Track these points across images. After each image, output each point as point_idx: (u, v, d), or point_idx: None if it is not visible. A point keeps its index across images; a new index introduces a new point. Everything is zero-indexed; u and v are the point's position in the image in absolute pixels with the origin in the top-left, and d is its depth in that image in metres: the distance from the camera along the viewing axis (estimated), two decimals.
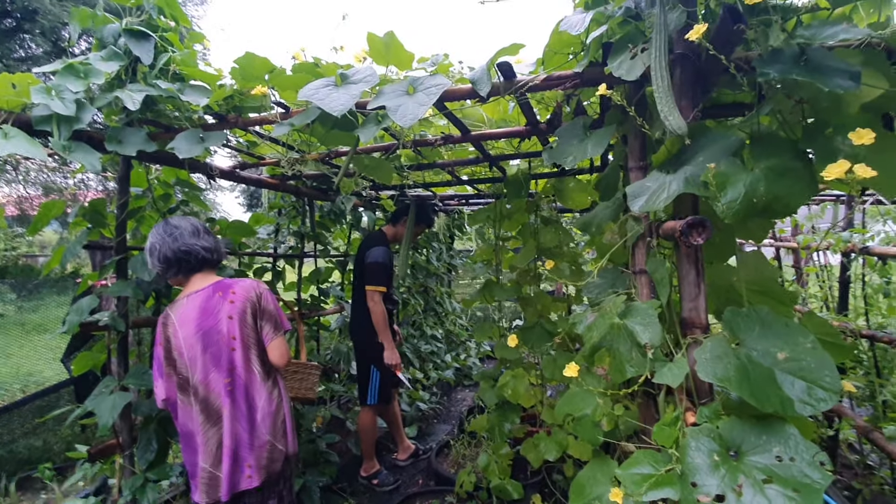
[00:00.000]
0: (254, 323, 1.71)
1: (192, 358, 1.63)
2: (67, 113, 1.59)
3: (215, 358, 1.64)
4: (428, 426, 3.83)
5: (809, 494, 0.81)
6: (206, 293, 1.68)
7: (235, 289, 1.71)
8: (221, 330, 1.65)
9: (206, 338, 1.64)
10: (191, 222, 1.76)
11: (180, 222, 1.74)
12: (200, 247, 1.71)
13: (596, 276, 1.65)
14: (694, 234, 0.92)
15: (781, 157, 1.02)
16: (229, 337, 1.65)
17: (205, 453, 1.61)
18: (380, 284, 2.71)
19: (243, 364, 1.67)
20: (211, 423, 1.64)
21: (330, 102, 1.44)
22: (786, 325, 1.00)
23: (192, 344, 1.63)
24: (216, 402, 1.64)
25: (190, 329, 1.63)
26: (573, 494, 1.33)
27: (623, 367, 1.17)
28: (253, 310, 1.71)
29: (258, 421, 1.67)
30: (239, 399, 1.65)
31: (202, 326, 1.64)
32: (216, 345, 1.64)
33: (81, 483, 2.93)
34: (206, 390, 1.63)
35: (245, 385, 1.67)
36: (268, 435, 1.68)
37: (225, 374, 1.64)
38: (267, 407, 1.69)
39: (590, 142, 1.37)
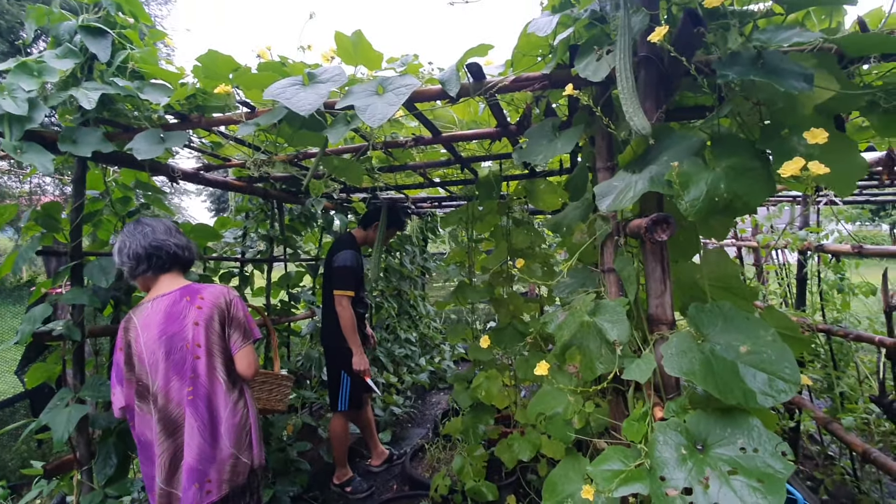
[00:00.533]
0: (221, 330, 1.64)
1: (153, 364, 1.55)
2: (19, 112, 1.52)
3: (177, 365, 1.56)
4: (402, 430, 3.79)
5: (773, 484, 0.84)
6: (172, 297, 1.61)
7: (204, 294, 1.64)
8: (186, 336, 1.57)
9: (169, 343, 1.56)
10: (163, 222, 1.72)
11: (152, 221, 1.70)
12: (173, 243, 1.66)
13: (566, 276, 1.67)
14: (658, 231, 0.94)
15: (741, 157, 1.05)
16: (194, 344, 1.57)
17: (159, 466, 1.54)
18: (347, 289, 2.67)
19: (207, 373, 1.59)
20: (167, 433, 1.55)
21: (297, 102, 1.41)
22: (747, 319, 1.03)
23: (153, 349, 1.55)
24: (175, 411, 1.56)
25: (152, 333, 1.56)
26: (546, 493, 1.33)
27: (593, 365, 1.18)
28: (221, 317, 1.64)
29: (221, 433, 1.60)
30: (201, 409, 1.57)
31: (166, 331, 1.57)
32: (179, 352, 1.57)
33: (38, 501, 2.78)
34: (166, 399, 1.56)
35: (208, 395, 1.59)
36: (231, 447, 1.60)
37: (187, 382, 1.56)
38: (231, 418, 1.61)
39: (559, 141, 1.38)
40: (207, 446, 1.56)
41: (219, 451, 1.58)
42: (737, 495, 0.85)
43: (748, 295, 1.26)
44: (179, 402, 1.56)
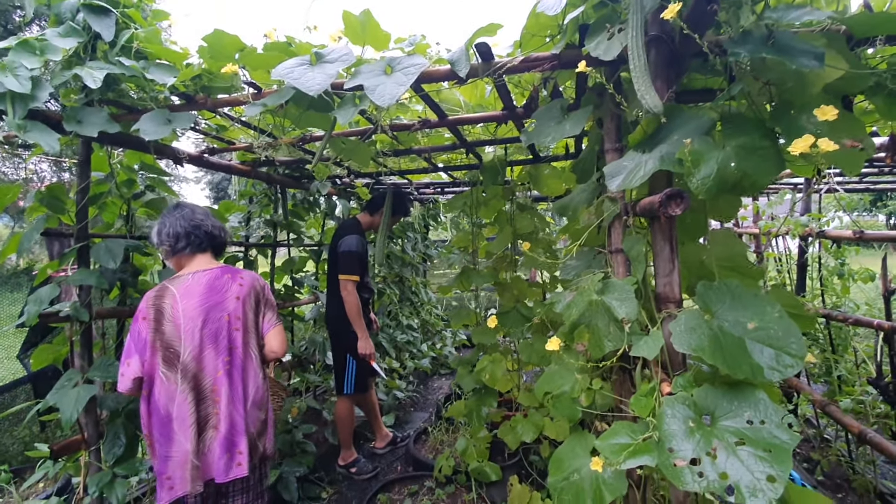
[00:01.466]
0: (256, 310, 1.72)
1: (189, 331, 1.58)
2: (22, 90, 1.51)
3: (214, 335, 1.60)
4: (405, 414, 3.83)
5: (780, 454, 0.86)
6: (214, 273, 1.69)
7: (243, 275, 1.74)
8: (227, 307, 1.64)
9: (209, 313, 1.61)
10: (200, 207, 1.83)
11: (191, 204, 1.81)
12: (210, 224, 1.76)
13: (573, 258, 1.68)
14: (672, 205, 0.95)
15: (751, 136, 1.06)
16: (234, 317, 1.65)
17: (187, 437, 1.52)
18: (353, 273, 2.67)
19: (243, 346, 1.65)
20: (196, 403, 1.56)
21: (305, 82, 1.40)
22: (754, 296, 1.04)
23: (192, 316, 1.59)
24: (206, 381, 1.58)
25: (193, 302, 1.61)
26: (552, 468, 1.36)
27: (602, 342, 1.20)
28: (257, 297, 1.74)
29: (249, 408, 1.63)
30: (236, 380, 1.62)
31: (207, 301, 1.62)
32: (218, 322, 1.62)
33: (41, 484, 2.81)
34: (198, 367, 1.57)
35: (243, 367, 1.64)
36: (253, 427, 1.63)
37: (224, 352, 1.60)
38: (255, 396, 1.65)
39: (568, 122, 1.39)
40: (240, 417, 1.60)
41: (248, 426, 1.61)
42: (744, 464, 0.87)
43: (755, 274, 1.28)
44: (212, 371, 1.58)
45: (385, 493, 2.53)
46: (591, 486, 1.25)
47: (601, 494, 1.22)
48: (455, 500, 2.46)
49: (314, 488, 2.69)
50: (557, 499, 1.30)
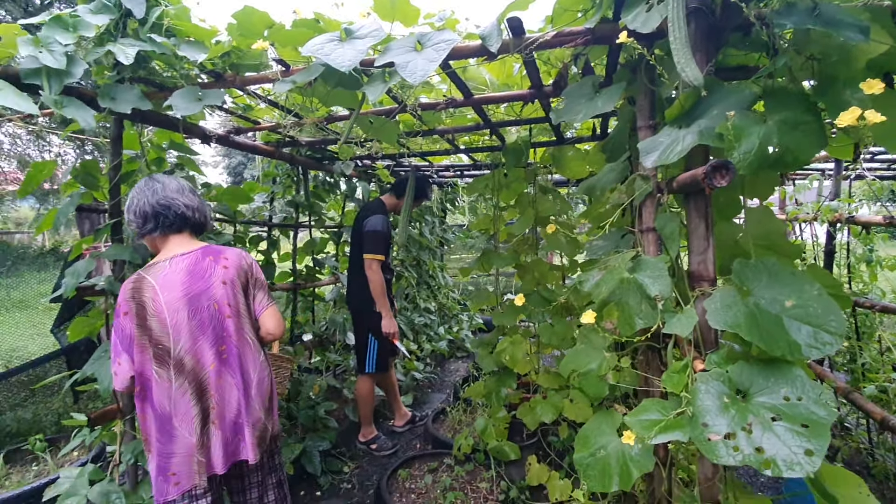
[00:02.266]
0: (245, 292, 1.58)
1: (177, 325, 1.44)
2: (57, 66, 1.53)
3: (203, 325, 1.47)
4: (423, 395, 3.89)
5: (817, 429, 0.86)
6: (194, 256, 1.52)
7: (227, 255, 1.57)
8: (214, 295, 1.49)
9: (195, 302, 1.46)
10: (177, 180, 1.60)
11: (164, 178, 1.59)
12: (182, 202, 1.54)
13: (599, 238, 1.67)
14: (717, 177, 0.94)
15: (794, 111, 1.04)
16: (223, 303, 1.50)
17: (191, 432, 1.44)
18: (378, 252, 2.68)
19: (237, 333, 1.53)
20: (197, 397, 1.46)
21: (336, 58, 1.40)
22: (792, 274, 1.03)
23: (176, 309, 1.44)
24: (202, 373, 1.47)
25: (175, 293, 1.45)
26: (578, 445, 1.37)
27: (632, 320, 1.20)
28: (244, 278, 1.58)
29: (252, 395, 1.55)
30: (234, 369, 1.52)
31: (191, 290, 1.47)
32: (206, 311, 1.48)
33: (76, 453, 2.92)
34: (195, 360, 1.46)
35: (239, 355, 1.53)
36: (260, 410, 1.57)
37: (218, 341, 1.49)
38: (259, 381, 1.58)
39: (599, 99, 1.37)
40: (245, 404, 1.52)
41: (252, 412, 1.54)
42: (780, 439, 0.87)
43: (792, 252, 1.26)
44: (208, 364, 1.47)
45: (405, 469, 2.58)
46: (618, 462, 1.26)
47: (628, 470, 1.23)
48: (474, 477, 2.50)
49: (336, 462, 2.76)
50: (583, 474, 1.31)
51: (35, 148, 9.85)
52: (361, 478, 2.70)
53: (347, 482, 2.64)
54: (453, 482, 2.43)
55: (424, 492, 2.40)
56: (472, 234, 4.82)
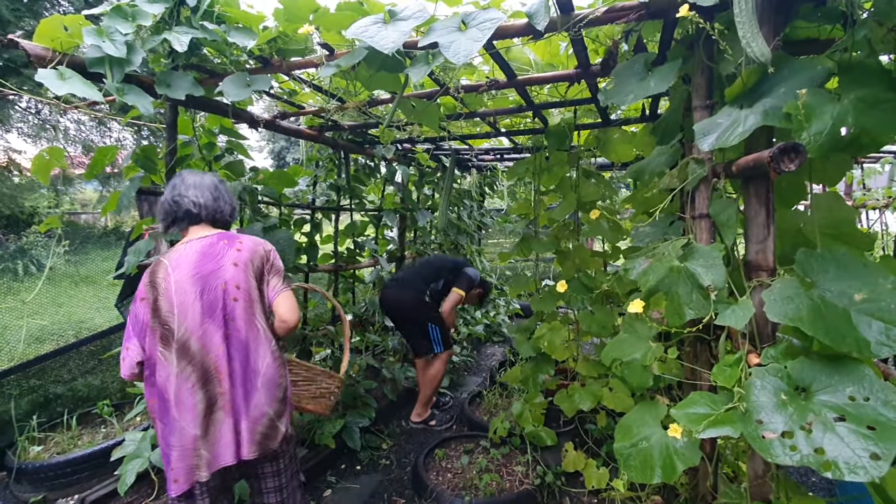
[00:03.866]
0: (259, 277, 1.49)
1: (183, 304, 1.38)
2: (119, 55, 1.60)
3: (212, 307, 1.39)
4: (459, 378, 3.93)
5: (886, 431, 0.80)
6: (209, 240, 1.48)
7: (243, 239, 1.51)
8: (223, 276, 1.42)
9: (204, 282, 1.40)
10: (201, 176, 1.58)
11: (186, 174, 1.58)
12: (190, 199, 1.51)
13: (647, 225, 1.61)
14: (786, 160, 0.87)
15: (873, 88, 0.95)
16: (232, 285, 1.42)
17: (190, 421, 1.35)
18: (464, 291, 3.13)
19: (245, 317, 1.43)
20: (202, 383, 1.37)
21: (380, 40, 1.40)
22: (864, 266, 0.96)
23: (185, 289, 1.39)
24: (208, 358, 1.38)
25: (185, 273, 1.40)
26: (619, 435, 1.35)
27: (682, 310, 1.15)
28: (260, 262, 1.50)
29: (257, 386, 1.43)
30: (239, 355, 1.42)
31: (200, 270, 1.41)
32: (214, 291, 1.40)
33: (139, 418, 3.16)
34: (200, 344, 1.37)
35: (244, 341, 1.43)
36: (266, 405, 1.43)
37: (224, 324, 1.40)
38: (269, 372, 1.45)
39: (653, 78, 1.30)
40: (239, 396, 1.40)
41: (252, 407, 1.42)
42: (843, 441, 0.82)
43: (863, 243, 1.17)
44: (215, 348, 1.39)
45: (442, 449, 2.63)
46: (661, 454, 1.23)
47: (672, 463, 1.20)
48: (510, 460, 2.52)
49: (375, 439, 2.84)
50: (624, 464, 1.29)
51: (97, 133, 10.48)
52: (399, 455, 2.77)
53: (385, 458, 2.73)
54: (489, 464, 2.45)
55: (461, 472, 2.44)
56: (510, 219, 4.76)
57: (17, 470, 2.46)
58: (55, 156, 1.88)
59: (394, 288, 3.06)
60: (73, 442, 2.82)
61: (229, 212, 1.60)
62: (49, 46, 1.61)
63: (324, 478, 2.52)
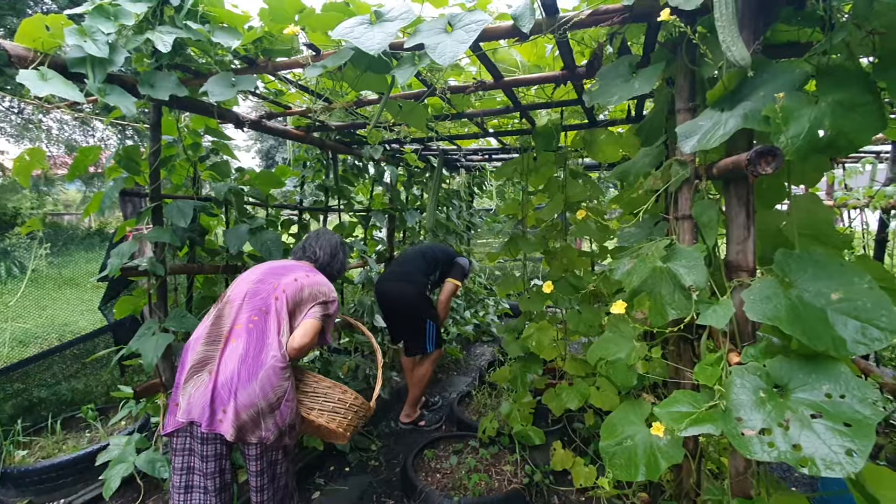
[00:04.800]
0: (307, 302, 1.68)
1: (243, 280, 1.73)
2: (101, 55, 1.58)
3: (257, 293, 1.67)
4: (448, 377, 3.93)
5: (861, 428, 0.82)
6: (301, 264, 1.87)
7: (310, 274, 1.79)
8: (280, 281, 1.70)
9: (267, 276, 1.73)
10: (330, 236, 2.01)
11: (323, 233, 2.02)
12: (313, 249, 1.95)
13: (631, 226, 1.63)
14: (763, 163, 0.89)
15: (850, 91, 0.97)
16: (280, 290, 1.68)
17: (186, 369, 1.56)
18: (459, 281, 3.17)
19: (276, 319, 1.61)
20: (208, 340, 1.60)
21: (366, 41, 1.40)
22: (841, 265, 0.98)
23: (256, 273, 1.75)
24: (226, 326, 1.61)
25: (265, 267, 1.79)
26: (605, 433, 1.36)
27: (664, 310, 1.17)
28: (314, 293, 1.71)
29: (259, 376, 1.51)
30: (252, 340, 1.56)
31: (274, 270, 1.76)
32: (267, 284, 1.69)
33: (124, 422, 3.11)
34: (227, 311, 1.64)
35: (266, 335, 1.57)
36: (257, 398, 1.49)
37: (255, 311, 1.62)
38: (271, 372, 1.52)
39: (637, 80, 1.31)
40: (237, 378, 1.50)
41: (246, 393, 1.49)
42: (820, 437, 0.84)
43: (840, 243, 1.19)
44: (230, 322, 1.61)
45: (431, 449, 2.63)
46: (645, 452, 1.25)
47: (656, 461, 1.21)
48: (498, 460, 2.53)
49: (364, 440, 2.84)
50: (609, 462, 1.31)
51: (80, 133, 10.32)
52: (388, 456, 2.77)
53: (374, 459, 2.72)
54: (478, 464, 2.46)
55: (450, 472, 2.45)
56: (499, 219, 4.77)
57: (2, 474, 2.42)
58: (36, 157, 1.84)
59: (394, 282, 3.00)
60: (59, 446, 2.77)
61: (337, 270, 1.97)
62: (31, 46, 1.58)
63: (312, 480, 2.51)
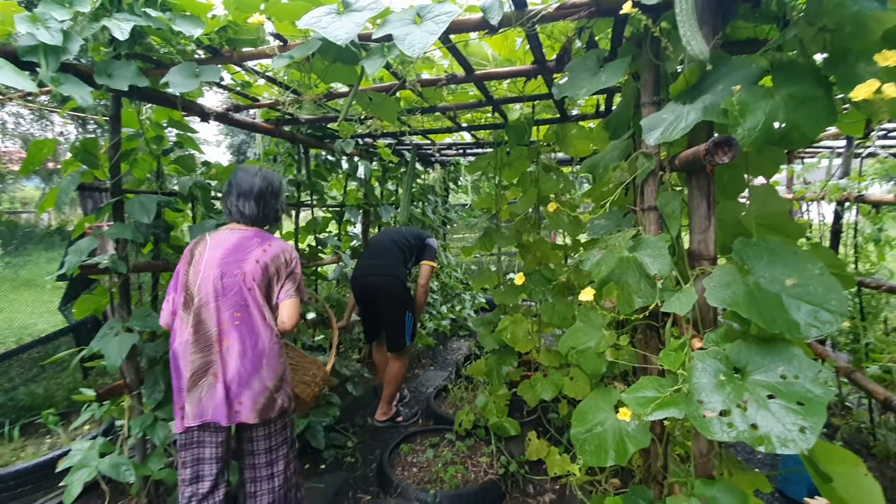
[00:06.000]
0: (275, 280, 1.71)
1: (205, 280, 1.64)
2: (54, 42, 1.51)
3: (227, 289, 1.64)
4: (424, 372, 3.94)
5: (813, 407, 0.86)
6: (247, 234, 1.74)
7: (273, 242, 1.75)
8: (244, 268, 1.66)
9: (227, 267, 1.65)
10: (251, 182, 1.77)
11: (240, 181, 1.77)
12: (237, 210, 1.77)
13: (601, 218, 1.66)
14: (720, 153, 0.92)
15: (803, 85, 1.01)
16: (249, 277, 1.66)
17: (185, 378, 1.60)
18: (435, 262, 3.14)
19: (257, 307, 1.66)
20: (198, 348, 1.61)
21: (333, 31, 1.37)
22: (794, 253, 1.02)
23: (212, 266, 1.65)
24: (211, 330, 1.61)
25: (218, 253, 1.68)
26: (576, 421, 1.39)
27: (631, 298, 1.20)
28: (278, 267, 1.72)
29: (263, 364, 1.65)
30: (245, 335, 1.63)
31: (229, 256, 1.67)
32: (233, 277, 1.65)
33: (87, 427, 3.00)
34: (206, 315, 1.62)
35: (256, 327, 1.65)
36: (268, 381, 1.66)
37: (235, 307, 1.63)
38: (273, 356, 1.67)
39: (604, 73, 1.34)
40: (245, 371, 1.62)
41: (257, 381, 1.63)
42: (775, 416, 0.88)
43: (795, 232, 1.25)
44: (216, 323, 1.61)
45: (407, 444, 2.64)
46: (615, 437, 1.28)
47: (624, 446, 1.25)
48: (475, 452, 2.55)
49: (339, 437, 2.82)
50: (580, 449, 1.33)
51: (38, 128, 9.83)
52: (364, 452, 2.76)
53: (350, 456, 2.71)
54: (454, 456, 2.48)
55: (426, 465, 2.46)
56: (475, 214, 4.80)
57: None
58: None
59: (376, 276, 2.92)
60: (17, 454, 2.66)
61: (273, 216, 1.84)
62: None
63: None
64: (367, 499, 2.32)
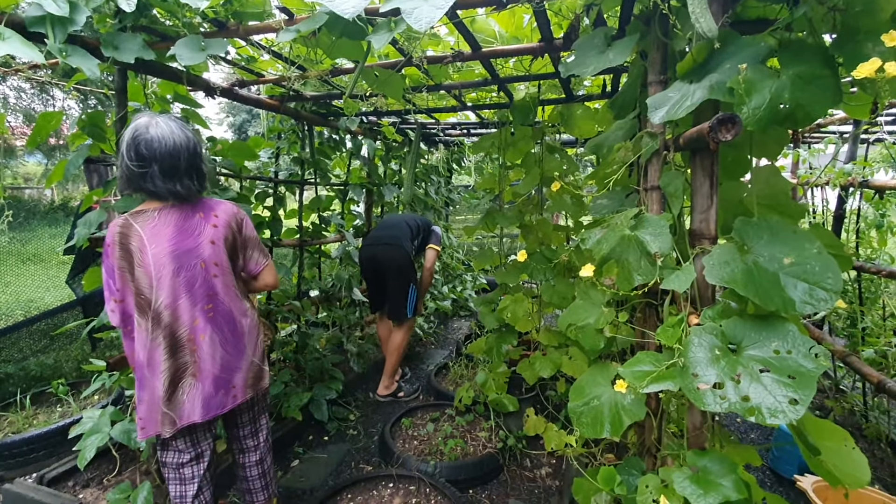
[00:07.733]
0: (234, 248, 1.61)
1: (160, 279, 1.45)
2: (61, 13, 1.51)
3: (190, 283, 1.48)
4: (426, 351, 4.00)
5: (804, 380, 0.89)
6: (184, 213, 1.51)
7: (217, 212, 1.57)
8: (202, 254, 1.50)
9: (181, 260, 1.47)
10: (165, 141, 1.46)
11: (153, 141, 1.45)
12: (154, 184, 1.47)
13: (604, 197, 1.67)
14: (723, 130, 0.93)
15: (810, 64, 1.01)
16: (211, 263, 1.52)
17: (159, 384, 1.46)
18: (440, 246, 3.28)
19: (224, 290, 1.56)
20: (170, 353, 1.47)
21: (340, 4, 1.37)
22: (794, 232, 1.03)
23: (163, 263, 1.45)
24: (182, 330, 1.48)
25: (163, 247, 1.45)
26: (573, 395, 1.43)
27: (631, 276, 1.22)
28: (234, 235, 1.60)
29: (245, 343, 1.62)
30: (222, 324, 1.56)
31: (179, 247, 1.47)
32: (193, 269, 1.48)
33: (97, 396, 3.08)
34: (173, 318, 1.47)
35: (228, 311, 1.57)
36: (254, 356, 1.66)
37: (203, 300, 1.51)
38: (250, 330, 1.65)
39: (611, 51, 1.33)
40: (231, 357, 1.58)
41: (244, 360, 1.62)
42: (766, 389, 0.91)
43: (796, 213, 1.26)
44: (188, 321, 1.48)
45: (408, 418, 2.70)
46: (611, 410, 1.32)
47: (620, 418, 1.28)
48: (474, 427, 2.62)
49: (342, 410, 2.89)
50: (576, 422, 1.37)
51: (39, 102, 9.77)
52: (366, 425, 2.83)
53: (353, 429, 2.78)
54: (454, 430, 2.54)
55: (426, 438, 2.52)
56: (477, 195, 4.80)
57: None
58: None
59: (383, 245, 3.01)
60: (29, 421, 2.73)
61: (206, 181, 1.59)
62: None
63: (291, 449, 2.55)
64: (369, 469, 2.39)
